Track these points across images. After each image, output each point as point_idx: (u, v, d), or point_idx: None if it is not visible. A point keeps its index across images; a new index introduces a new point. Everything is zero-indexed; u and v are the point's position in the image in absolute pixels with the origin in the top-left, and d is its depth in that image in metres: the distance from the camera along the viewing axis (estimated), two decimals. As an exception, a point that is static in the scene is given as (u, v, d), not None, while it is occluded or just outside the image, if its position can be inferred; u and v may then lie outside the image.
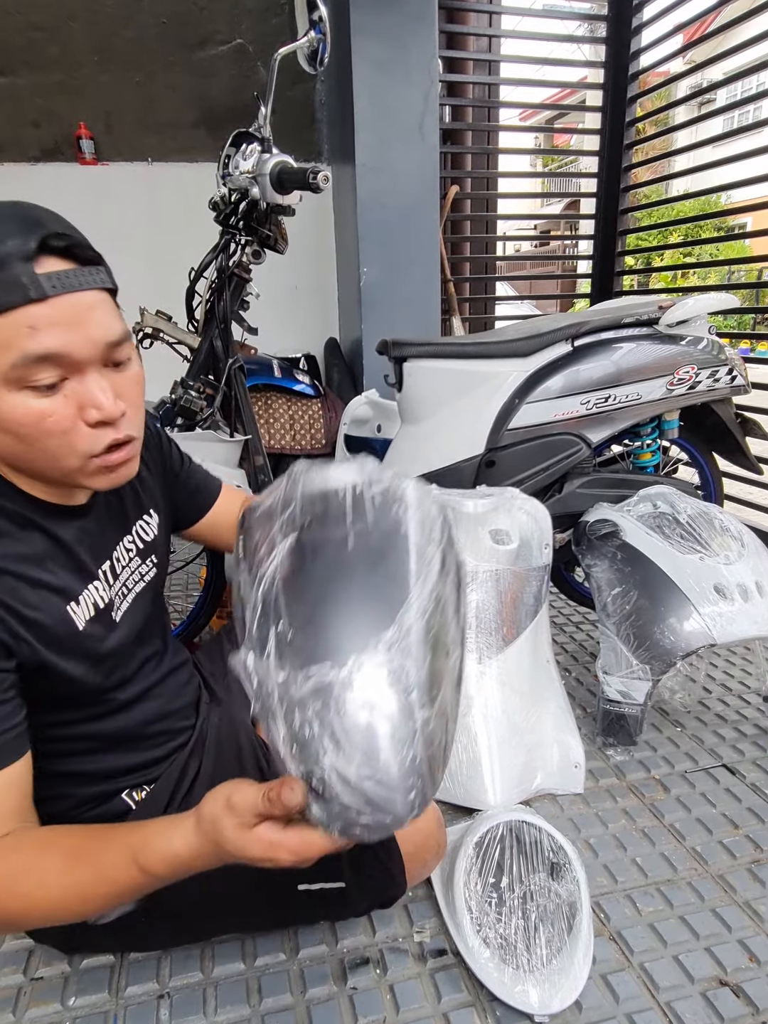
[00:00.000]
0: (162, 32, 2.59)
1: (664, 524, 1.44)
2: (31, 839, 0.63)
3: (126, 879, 0.59)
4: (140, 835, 0.59)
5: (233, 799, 0.54)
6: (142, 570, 0.87)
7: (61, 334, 0.61)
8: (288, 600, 0.54)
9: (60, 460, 0.65)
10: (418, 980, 0.92)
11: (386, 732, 0.50)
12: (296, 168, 1.17)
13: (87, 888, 0.59)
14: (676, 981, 0.92)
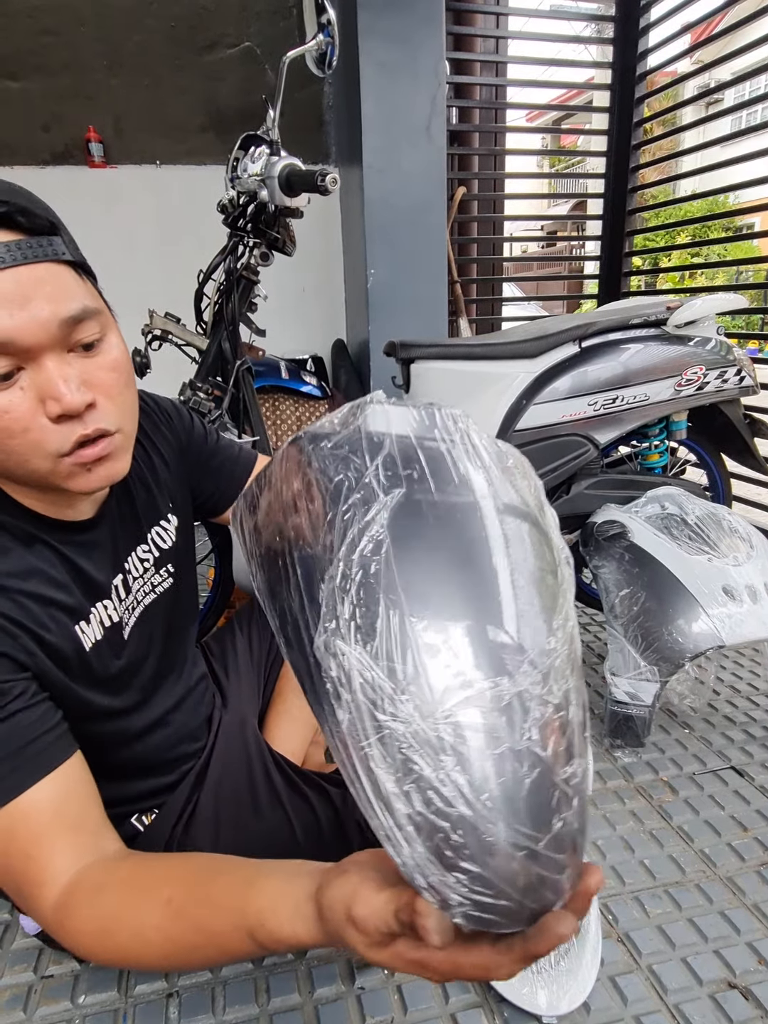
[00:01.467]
0: (171, 36, 2.60)
1: (672, 525, 1.44)
2: (116, 883, 0.55)
3: (237, 949, 0.51)
4: (256, 909, 0.48)
5: (355, 913, 0.41)
6: (155, 581, 0.81)
7: (4, 316, 0.52)
8: (412, 580, 0.40)
9: (28, 462, 0.58)
10: (426, 981, 0.92)
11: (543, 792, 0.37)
12: (304, 171, 1.17)
13: (191, 948, 0.52)
14: (684, 983, 0.92)
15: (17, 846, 0.55)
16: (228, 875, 0.53)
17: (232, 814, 0.87)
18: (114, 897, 0.54)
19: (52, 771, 0.58)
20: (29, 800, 0.56)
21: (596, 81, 3.07)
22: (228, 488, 0.94)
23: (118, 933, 0.53)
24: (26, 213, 0.54)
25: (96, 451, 0.60)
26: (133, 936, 0.53)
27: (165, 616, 0.83)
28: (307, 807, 0.88)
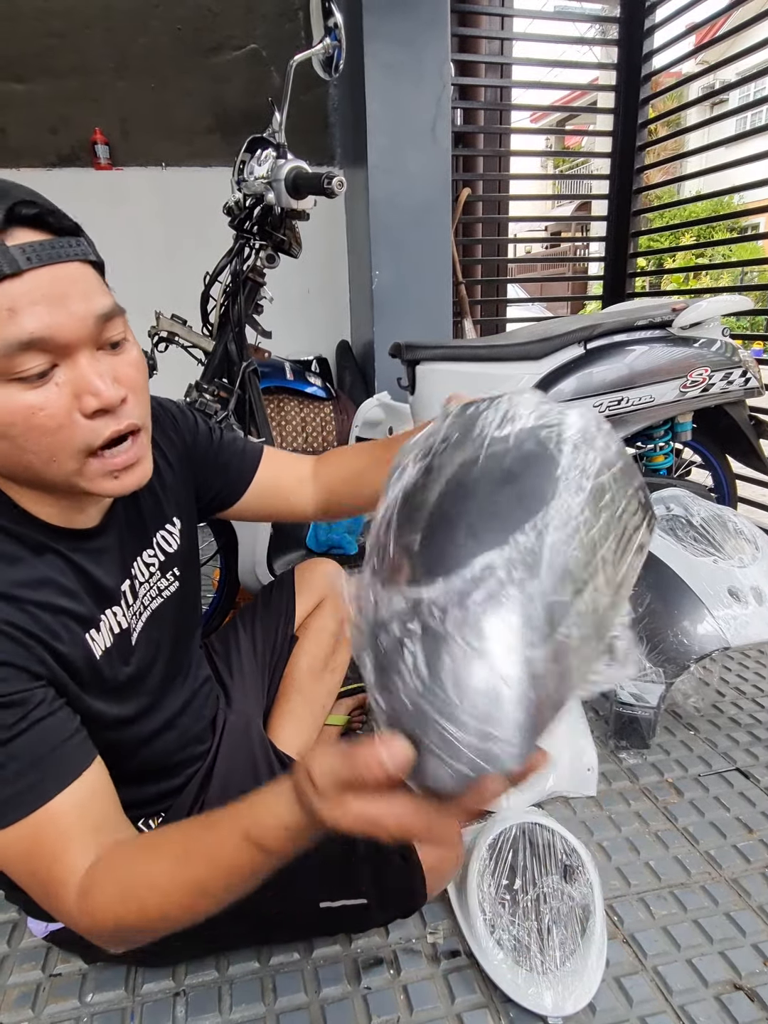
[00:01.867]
0: (177, 38, 2.61)
1: (677, 527, 1.44)
2: (130, 849, 0.58)
3: (244, 861, 0.52)
4: (247, 813, 0.51)
5: (311, 766, 0.44)
6: (161, 585, 0.81)
7: (44, 313, 0.53)
8: (400, 520, 0.47)
9: (57, 462, 0.58)
10: (431, 981, 0.92)
11: (494, 663, 0.40)
12: (311, 173, 1.18)
13: (205, 882, 0.53)
14: (690, 985, 0.92)
15: (44, 850, 0.56)
16: (222, 812, 0.54)
17: None
18: (127, 861, 0.56)
19: (77, 777, 0.59)
20: (56, 806, 0.57)
21: (600, 82, 3.07)
22: (236, 483, 0.93)
23: (137, 892, 0.54)
24: (55, 214, 0.56)
25: (128, 456, 0.62)
26: (150, 890, 0.54)
27: (172, 620, 0.83)
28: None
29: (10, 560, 0.61)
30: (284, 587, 1.20)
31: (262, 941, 0.95)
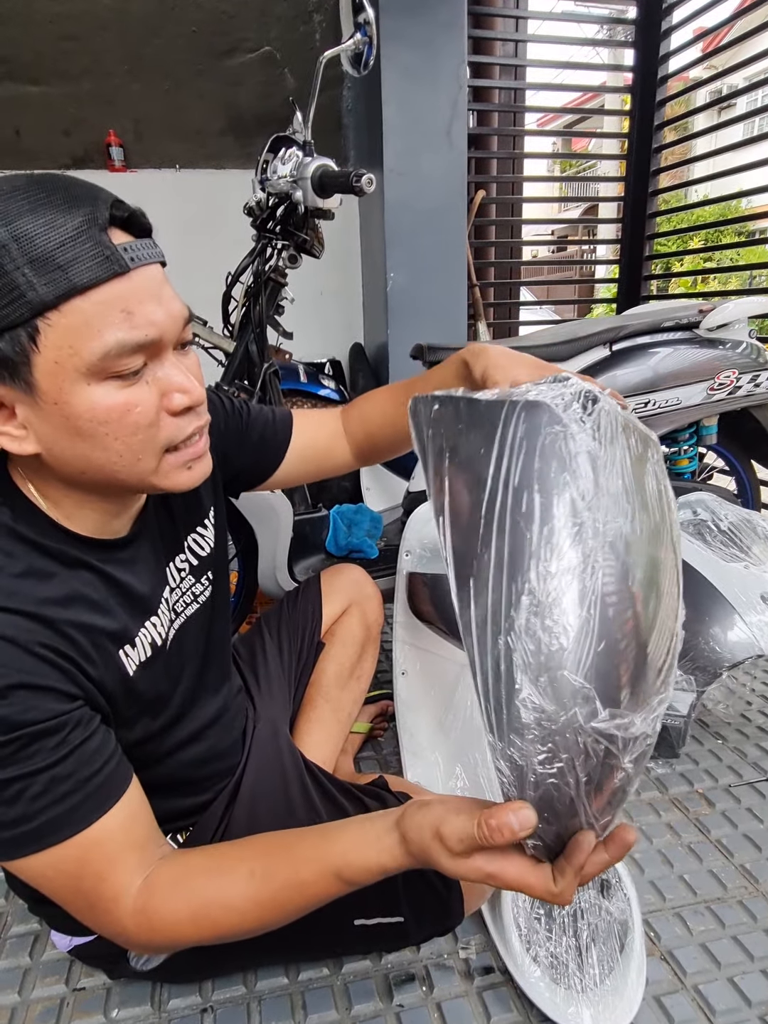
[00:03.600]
0: (191, 41, 2.60)
1: (705, 531, 1.41)
2: (195, 868, 0.59)
3: (330, 892, 0.57)
4: (339, 851, 0.55)
5: (443, 831, 0.49)
6: (195, 590, 0.79)
7: (153, 313, 0.54)
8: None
9: (140, 460, 0.57)
10: (466, 998, 0.90)
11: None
12: (338, 171, 1.16)
13: (284, 904, 0.57)
14: (733, 1005, 0.89)
15: (91, 870, 0.56)
16: (302, 836, 0.59)
17: (268, 829, 0.85)
18: (197, 882, 0.58)
19: (120, 798, 0.58)
20: (100, 827, 0.56)
21: (612, 84, 3.05)
22: (272, 455, 0.91)
23: (211, 911, 0.57)
24: (140, 215, 0.56)
25: (201, 445, 0.63)
26: (226, 910, 0.57)
27: (205, 627, 0.81)
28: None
29: (41, 576, 0.58)
30: (311, 593, 1.18)
31: (293, 958, 0.93)
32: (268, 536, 1.47)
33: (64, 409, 0.53)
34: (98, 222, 0.51)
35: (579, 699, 0.45)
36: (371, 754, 1.39)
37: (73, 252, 0.50)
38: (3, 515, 0.59)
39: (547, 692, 0.46)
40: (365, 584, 1.22)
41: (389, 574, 1.52)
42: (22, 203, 0.50)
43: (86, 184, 0.55)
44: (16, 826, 0.53)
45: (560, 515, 0.49)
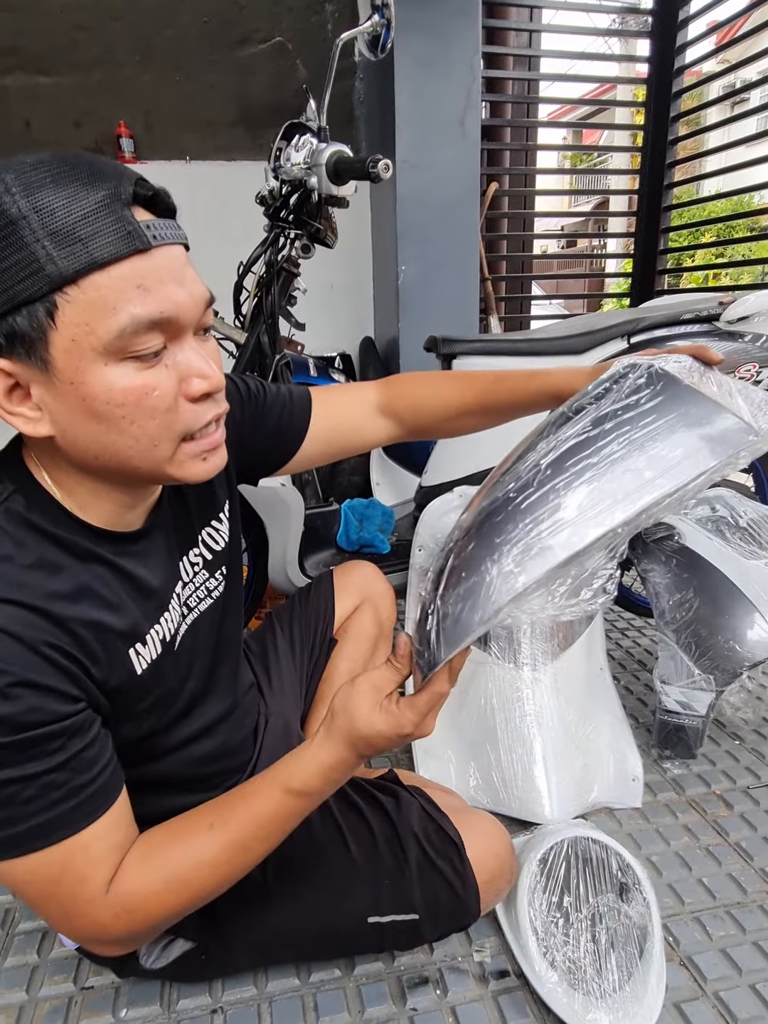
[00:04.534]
0: (203, 31, 2.58)
1: (724, 527, 1.38)
2: (158, 839, 0.61)
3: (284, 810, 0.60)
4: (280, 769, 0.61)
5: (358, 681, 0.59)
6: (209, 585, 0.77)
7: (171, 292, 0.52)
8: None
9: (156, 446, 0.55)
10: (480, 1002, 0.88)
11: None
12: (354, 157, 1.14)
13: (245, 840, 0.60)
14: (755, 1012, 0.87)
15: (73, 874, 0.55)
16: (254, 779, 0.63)
17: None
18: (162, 852, 0.60)
19: (109, 807, 0.57)
20: (87, 834, 0.55)
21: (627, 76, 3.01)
22: (291, 441, 0.88)
23: (181, 873, 0.59)
24: (165, 194, 0.55)
25: (217, 436, 0.60)
26: (196, 867, 0.59)
27: (217, 622, 0.79)
28: (359, 818, 0.85)
29: (51, 568, 0.56)
30: (323, 589, 1.16)
31: (305, 956, 0.91)
32: (279, 530, 1.45)
33: (80, 389, 0.51)
34: (121, 197, 0.50)
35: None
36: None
37: (95, 226, 0.49)
38: (16, 503, 0.57)
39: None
40: (377, 581, 1.20)
41: (401, 569, 1.50)
42: (44, 175, 0.49)
43: (111, 162, 0.53)
44: (2, 829, 0.52)
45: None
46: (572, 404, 0.63)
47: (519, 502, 0.56)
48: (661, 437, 0.54)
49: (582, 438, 0.57)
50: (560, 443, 0.58)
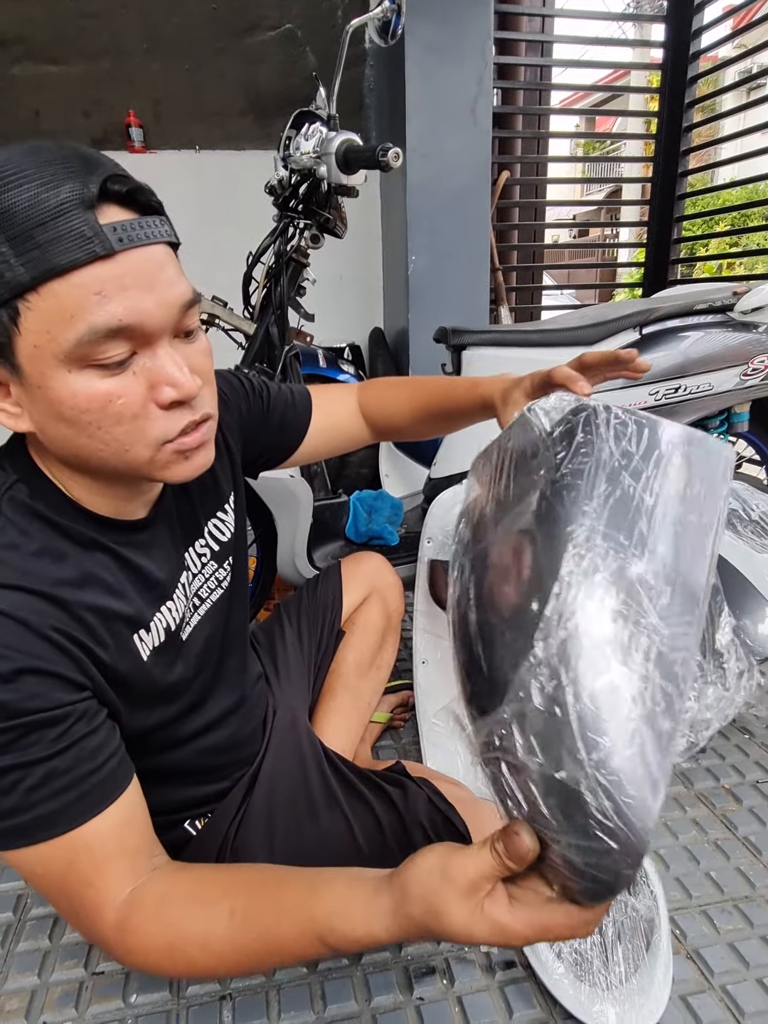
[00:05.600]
0: (212, 18, 2.56)
1: (735, 521, 1.37)
2: (179, 895, 0.55)
3: (306, 954, 0.51)
4: (323, 914, 0.49)
5: (451, 868, 0.43)
6: (219, 576, 0.77)
7: (134, 299, 0.50)
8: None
9: (129, 451, 0.55)
10: (487, 993, 0.88)
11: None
12: (363, 146, 1.13)
13: (262, 957, 0.53)
14: (762, 1006, 0.87)
15: (77, 873, 0.53)
16: (288, 884, 0.53)
17: (287, 816, 0.84)
18: (177, 911, 0.54)
19: (116, 799, 0.56)
20: (92, 829, 0.54)
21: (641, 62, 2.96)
22: (293, 435, 0.91)
23: (186, 947, 0.53)
24: (143, 191, 0.52)
25: (198, 436, 0.58)
26: (201, 948, 0.53)
27: (224, 613, 0.80)
28: (366, 809, 0.85)
29: (56, 556, 0.56)
30: (331, 581, 1.16)
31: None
32: (288, 522, 1.45)
33: (47, 394, 0.51)
34: (84, 199, 0.48)
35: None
36: (390, 743, 1.37)
37: (54, 231, 0.47)
38: (20, 492, 0.57)
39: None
40: (386, 572, 1.20)
41: (409, 561, 1.50)
42: (9, 176, 0.47)
43: (86, 156, 0.51)
44: (7, 817, 0.51)
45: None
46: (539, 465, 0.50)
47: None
48: (676, 479, 0.46)
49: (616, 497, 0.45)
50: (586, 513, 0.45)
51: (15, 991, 0.89)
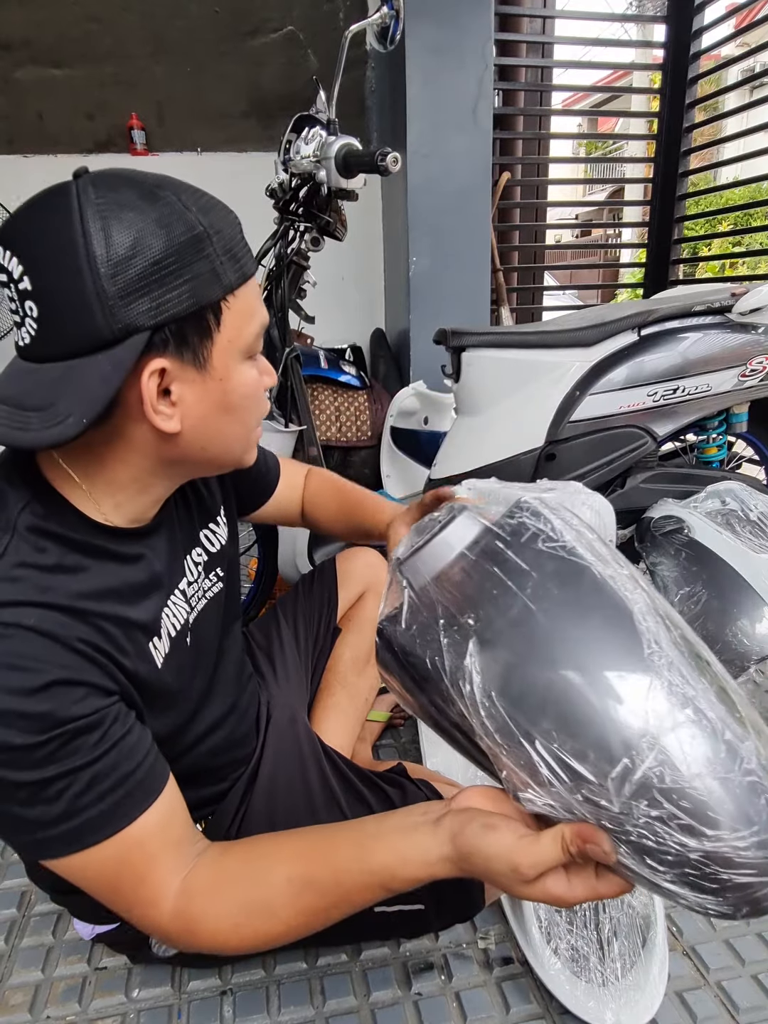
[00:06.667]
0: (214, 21, 2.57)
1: (734, 521, 1.38)
2: (235, 872, 0.57)
3: (371, 899, 0.55)
4: (381, 865, 0.52)
5: (520, 862, 0.44)
6: (205, 585, 0.79)
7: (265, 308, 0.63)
8: (523, 713, 0.44)
9: (251, 432, 0.66)
10: (484, 988, 0.89)
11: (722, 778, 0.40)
12: (363, 150, 1.14)
13: (327, 912, 0.56)
14: (757, 1002, 0.88)
15: (130, 870, 0.56)
16: (339, 844, 0.56)
17: (287, 815, 0.85)
18: (236, 891, 0.57)
19: (159, 795, 0.58)
20: (141, 826, 0.56)
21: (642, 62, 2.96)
22: (260, 494, 0.99)
23: (253, 920, 0.56)
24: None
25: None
26: (267, 919, 0.56)
27: (217, 622, 0.81)
28: (365, 809, 0.86)
29: (72, 570, 0.58)
30: (325, 577, 1.17)
31: (313, 943, 0.93)
32: (288, 522, 1.46)
33: (226, 384, 0.59)
34: (239, 225, 0.60)
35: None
36: (390, 742, 1.38)
37: (241, 246, 0.59)
38: (34, 511, 0.57)
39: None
40: (381, 568, 1.20)
41: (409, 561, 1.51)
42: (204, 198, 0.58)
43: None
44: (58, 824, 0.53)
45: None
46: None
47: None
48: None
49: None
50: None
51: (19, 986, 0.91)
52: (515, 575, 0.48)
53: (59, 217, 0.51)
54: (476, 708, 0.46)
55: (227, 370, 0.59)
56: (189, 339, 0.55)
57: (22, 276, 0.51)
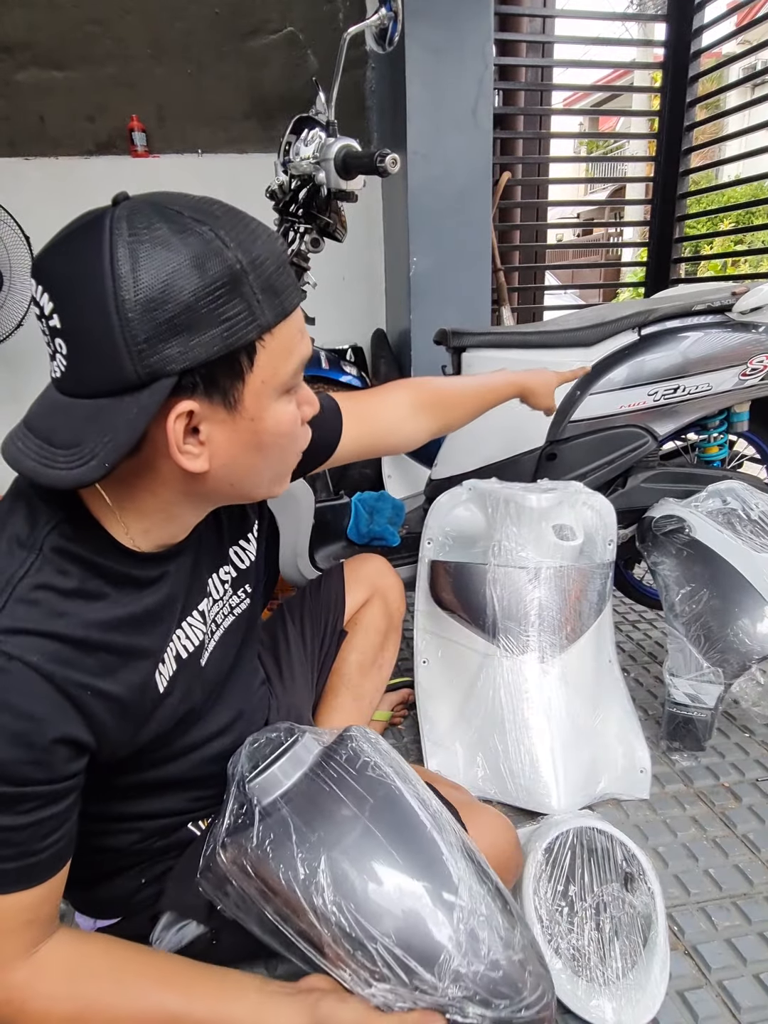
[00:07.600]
0: (214, 22, 2.58)
1: (735, 520, 1.38)
2: (94, 968, 0.58)
3: None
4: (237, 1017, 0.58)
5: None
6: (232, 602, 0.79)
7: (305, 333, 0.60)
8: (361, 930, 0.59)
9: (287, 466, 0.64)
10: (486, 988, 0.89)
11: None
12: (362, 152, 1.14)
13: None
14: (759, 1002, 0.87)
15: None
16: (199, 982, 0.61)
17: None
18: (90, 986, 0.58)
19: (50, 880, 0.57)
20: (14, 900, 0.55)
21: (642, 60, 2.96)
22: (325, 448, 0.94)
23: (92, 1020, 0.57)
24: None
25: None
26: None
27: (238, 638, 0.81)
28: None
29: (91, 596, 0.58)
30: (334, 581, 1.17)
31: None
32: (289, 523, 1.46)
33: (257, 424, 0.57)
34: (286, 250, 0.56)
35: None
36: (391, 742, 1.38)
37: (283, 279, 0.55)
38: (63, 531, 0.58)
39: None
40: (387, 573, 1.21)
41: (411, 562, 1.51)
42: (250, 228, 0.54)
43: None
44: None
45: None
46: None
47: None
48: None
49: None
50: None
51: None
52: (352, 796, 0.64)
53: (90, 255, 0.50)
54: (327, 918, 0.58)
55: (259, 410, 0.57)
56: (219, 382, 0.54)
57: (52, 313, 0.51)
